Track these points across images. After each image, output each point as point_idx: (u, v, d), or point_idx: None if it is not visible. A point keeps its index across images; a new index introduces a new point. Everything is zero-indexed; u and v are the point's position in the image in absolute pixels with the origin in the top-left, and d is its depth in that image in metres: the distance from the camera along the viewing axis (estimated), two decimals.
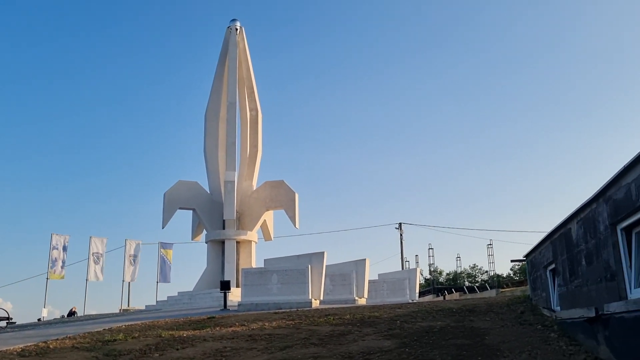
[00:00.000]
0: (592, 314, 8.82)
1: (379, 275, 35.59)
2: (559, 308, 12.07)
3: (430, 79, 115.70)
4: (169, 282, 44.43)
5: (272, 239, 38.34)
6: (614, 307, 7.91)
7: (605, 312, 8.34)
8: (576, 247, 10.06)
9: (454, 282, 73.59)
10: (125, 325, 17.38)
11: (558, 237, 11.58)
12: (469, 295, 46.00)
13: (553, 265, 12.49)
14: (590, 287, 9.25)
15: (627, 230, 7.82)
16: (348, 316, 15.40)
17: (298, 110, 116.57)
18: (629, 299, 7.54)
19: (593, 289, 9.06)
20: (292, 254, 24.78)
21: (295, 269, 23.23)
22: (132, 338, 13.64)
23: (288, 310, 19.62)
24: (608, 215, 8.12)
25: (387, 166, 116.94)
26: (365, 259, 29.72)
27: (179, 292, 33.52)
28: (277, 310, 19.66)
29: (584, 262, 9.58)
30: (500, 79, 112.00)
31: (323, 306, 22.23)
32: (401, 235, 57.61)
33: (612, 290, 8.11)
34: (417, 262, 72.29)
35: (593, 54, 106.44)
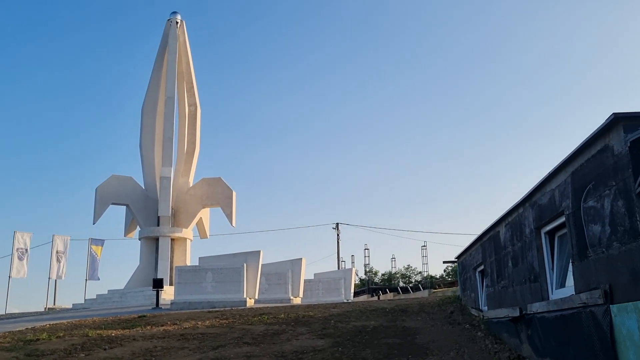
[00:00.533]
0: (517, 314, 9.18)
1: (314, 274, 35.76)
2: (486, 308, 12.49)
3: (382, 80, 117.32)
4: (98, 279, 42.91)
5: (208, 236, 37.78)
6: (536, 307, 8.26)
7: (528, 312, 8.70)
8: (503, 250, 10.44)
9: (389, 282, 74.87)
10: (49, 325, 16.67)
11: (487, 240, 11.98)
12: (402, 296, 46.89)
13: (482, 267, 12.92)
14: (515, 288, 9.62)
15: (551, 234, 8.18)
16: (282, 315, 15.38)
17: (237, 106, 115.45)
18: (550, 299, 7.89)
19: (518, 289, 9.43)
20: (227, 253, 24.52)
21: (230, 267, 23.00)
22: (57, 337, 13.09)
23: (222, 309, 19.39)
24: (533, 220, 8.47)
25: (326, 166, 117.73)
26: (301, 259, 29.79)
27: (109, 290, 32.50)
28: (211, 309, 19.40)
29: (510, 264, 9.95)
30: (452, 81, 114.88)
31: (258, 305, 22.12)
32: (338, 235, 58.05)
33: (535, 291, 8.46)
34: (352, 262, 73.09)
35: (527, 60, 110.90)
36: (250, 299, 22.85)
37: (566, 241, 7.27)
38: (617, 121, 5.62)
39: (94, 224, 33.50)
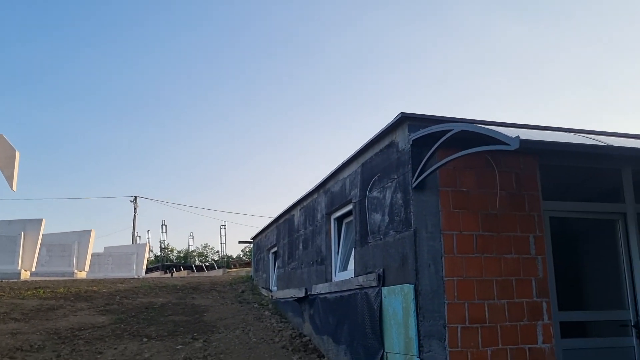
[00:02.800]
0: (302, 294, 9.63)
1: (104, 248, 33.79)
2: (275, 288, 12.93)
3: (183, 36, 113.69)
4: None
5: None
6: (320, 288, 8.74)
7: (312, 293, 9.17)
8: (296, 233, 10.88)
9: (185, 260, 73.73)
10: None
11: (283, 222, 12.37)
12: (197, 274, 46.52)
13: (275, 249, 13.32)
14: (303, 270, 10.09)
15: (340, 220, 8.71)
16: (62, 290, 14.23)
17: (23, 60, 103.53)
18: (333, 281, 8.40)
19: (306, 271, 9.90)
20: (3, 219, 21.97)
21: (4, 235, 20.64)
22: None
23: None
24: (325, 206, 8.93)
25: (126, 136, 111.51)
26: (90, 230, 27.87)
27: None
28: None
29: (301, 247, 10.40)
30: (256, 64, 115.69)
31: (35, 278, 20.19)
32: (135, 209, 55.51)
33: (320, 273, 8.95)
34: (148, 238, 70.52)
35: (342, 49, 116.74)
36: (25, 270, 20.77)
37: (352, 228, 7.79)
38: (404, 120, 6.14)
39: None
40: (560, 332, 6.14)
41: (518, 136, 4.57)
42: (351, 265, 7.80)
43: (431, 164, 5.76)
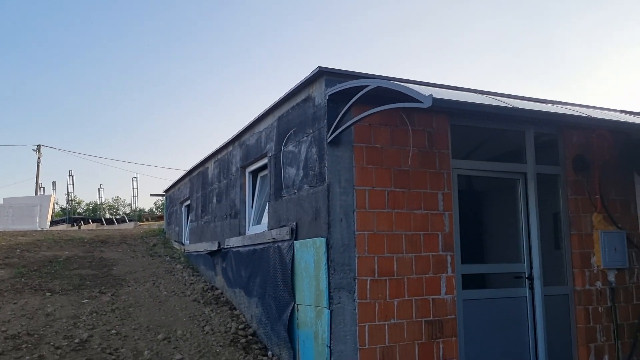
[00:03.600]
0: (215, 248, 9.56)
1: (4, 199, 31.84)
2: (188, 242, 12.75)
3: None
4: None
5: None
6: (233, 241, 8.70)
7: (225, 246, 9.12)
8: (210, 186, 10.70)
9: (94, 213, 71.09)
10: None
11: (196, 175, 12.12)
12: (106, 227, 45.08)
13: (189, 202, 13.08)
14: (217, 223, 9.98)
15: (254, 174, 8.64)
16: None
17: None
18: (246, 234, 8.38)
19: (219, 224, 9.80)
20: None
21: None
22: None
23: None
24: (240, 159, 8.81)
25: (26, 81, 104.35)
26: None
27: None
28: None
29: (215, 200, 10.26)
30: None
31: None
32: (39, 158, 52.51)
33: (234, 226, 8.89)
34: (54, 190, 67.31)
35: None
36: None
37: (267, 181, 7.74)
38: (321, 74, 6.09)
39: None
40: (462, 284, 6.47)
41: (431, 95, 4.65)
42: (265, 219, 7.80)
43: (346, 120, 5.78)
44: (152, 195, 26.51)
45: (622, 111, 7.45)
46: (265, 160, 7.82)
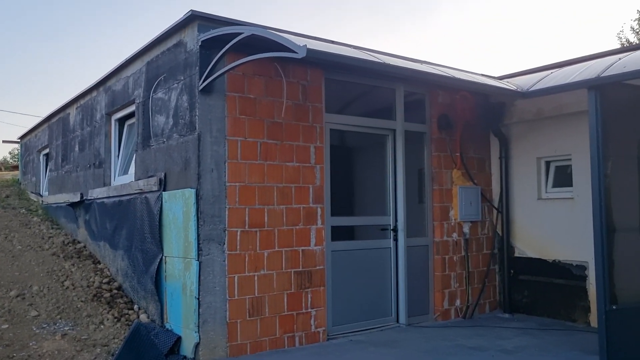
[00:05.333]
0: (77, 199, 8.98)
1: None
2: (47, 193, 11.87)
3: None
4: None
5: None
6: (97, 192, 8.23)
7: (88, 198, 8.60)
8: (72, 133, 9.97)
9: None
10: None
11: (56, 122, 11.22)
12: None
13: (47, 150, 12.12)
14: (79, 173, 9.36)
15: (121, 122, 8.15)
16: None
17: None
18: (112, 185, 7.94)
19: (82, 174, 9.20)
20: None
21: None
22: None
23: None
24: (105, 105, 8.26)
25: None
26: None
27: None
28: None
29: (77, 149, 9.58)
30: None
31: None
32: None
33: (98, 177, 8.39)
34: None
35: None
36: None
37: (134, 130, 7.34)
38: (193, 19, 5.80)
39: None
40: (331, 235, 6.65)
41: (305, 45, 4.61)
42: (132, 169, 7.42)
43: (219, 68, 5.59)
44: (4, 142, 24.10)
45: (483, 75, 7.93)
46: (132, 108, 7.39)
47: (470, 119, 7.88)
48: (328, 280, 6.53)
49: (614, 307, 5.36)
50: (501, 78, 8.02)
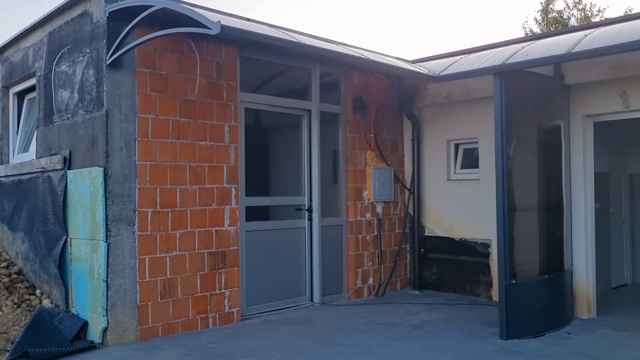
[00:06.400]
0: None
1: None
2: None
3: None
4: None
5: None
6: None
7: None
8: None
9: None
10: None
11: None
12: None
13: None
14: None
15: (21, 96, 7.64)
16: None
17: None
18: (10, 163, 7.45)
19: None
20: None
21: None
22: None
23: None
24: (3, 77, 7.70)
25: None
26: None
27: None
28: None
29: None
30: None
31: None
32: None
33: None
34: None
35: None
36: None
37: (36, 105, 6.90)
38: None
39: None
40: (246, 216, 6.60)
41: (219, 21, 4.50)
42: (33, 146, 6.98)
43: (129, 42, 5.34)
44: None
45: (397, 58, 8.08)
46: (33, 81, 6.93)
47: (384, 101, 8.04)
48: (242, 260, 6.49)
49: (513, 281, 5.69)
50: (414, 62, 8.22)
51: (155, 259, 5.65)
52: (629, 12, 23.03)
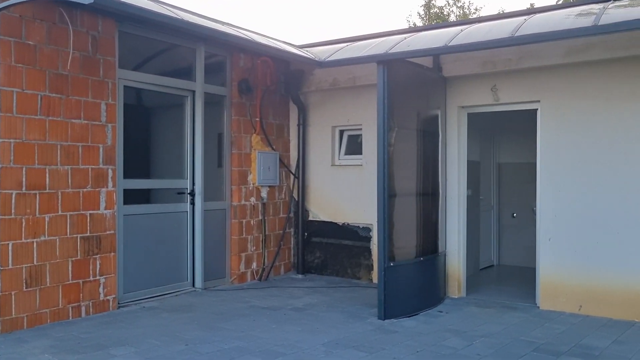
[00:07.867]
0: None
1: None
2: None
3: None
4: None
5: None
6: None
7: None
8: None
9: None
10: None
11: None
12: None
13: None
14: None
15: None
16: None
17: None
18: None
19: None
20: None
21: None
22: None
23: None
24: None
25: None
26: None
27: None
28: None
29: None
30: None
31: None
32: None
33: None
34: None
35: None
36: None
37: None
38: None
39: None
40: (125, 199, 6.30)
41: None
42: None
43: None
44: None
45: (285, 42, 8.06)
46: None
47: (271, 85, 7.99)
48: (119, 245, 6.19)
49: (391, 264, 5.92)
50: (302, 47, 8.24)
51: (20, 244, 5.23)
52: (501, 13, 24.73)
